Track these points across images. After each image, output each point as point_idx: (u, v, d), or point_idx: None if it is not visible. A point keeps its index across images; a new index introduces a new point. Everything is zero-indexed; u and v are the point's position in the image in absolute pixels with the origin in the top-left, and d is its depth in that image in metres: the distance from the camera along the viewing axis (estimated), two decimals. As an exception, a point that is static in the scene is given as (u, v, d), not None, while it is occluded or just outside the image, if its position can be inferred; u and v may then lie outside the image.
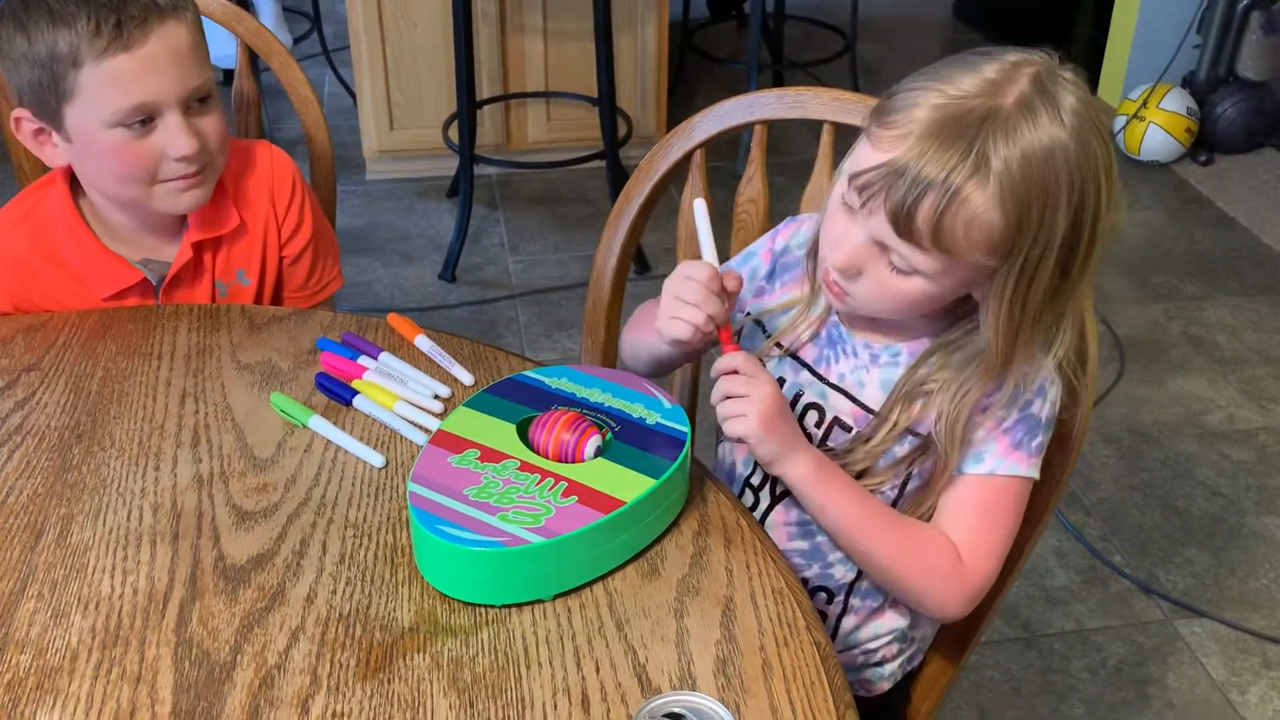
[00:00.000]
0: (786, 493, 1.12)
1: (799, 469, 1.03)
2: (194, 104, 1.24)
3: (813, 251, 1.09)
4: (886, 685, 1.19)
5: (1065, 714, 1.85)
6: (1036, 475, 1.05)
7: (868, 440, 1.06)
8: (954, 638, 1.21)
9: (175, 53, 1.20)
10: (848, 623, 1.15)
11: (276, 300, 1.42)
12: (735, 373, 1.02)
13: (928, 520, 1.07)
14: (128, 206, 1.30)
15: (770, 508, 1.14)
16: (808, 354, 1.11)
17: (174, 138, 1.22)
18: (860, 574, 1.12)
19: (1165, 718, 1.84)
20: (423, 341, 1.20)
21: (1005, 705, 1.86)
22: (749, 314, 1.16)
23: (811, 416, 1.10)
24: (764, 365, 1.10)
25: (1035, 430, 1.03)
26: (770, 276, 1.16)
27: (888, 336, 1.08)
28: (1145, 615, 2.02)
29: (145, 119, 1.21)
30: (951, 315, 1.05)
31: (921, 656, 1.22)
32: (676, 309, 1.02)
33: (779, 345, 1.12)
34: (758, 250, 1.18)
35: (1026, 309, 0.97)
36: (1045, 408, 1.04)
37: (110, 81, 1.18)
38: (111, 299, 1.31)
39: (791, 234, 1.16)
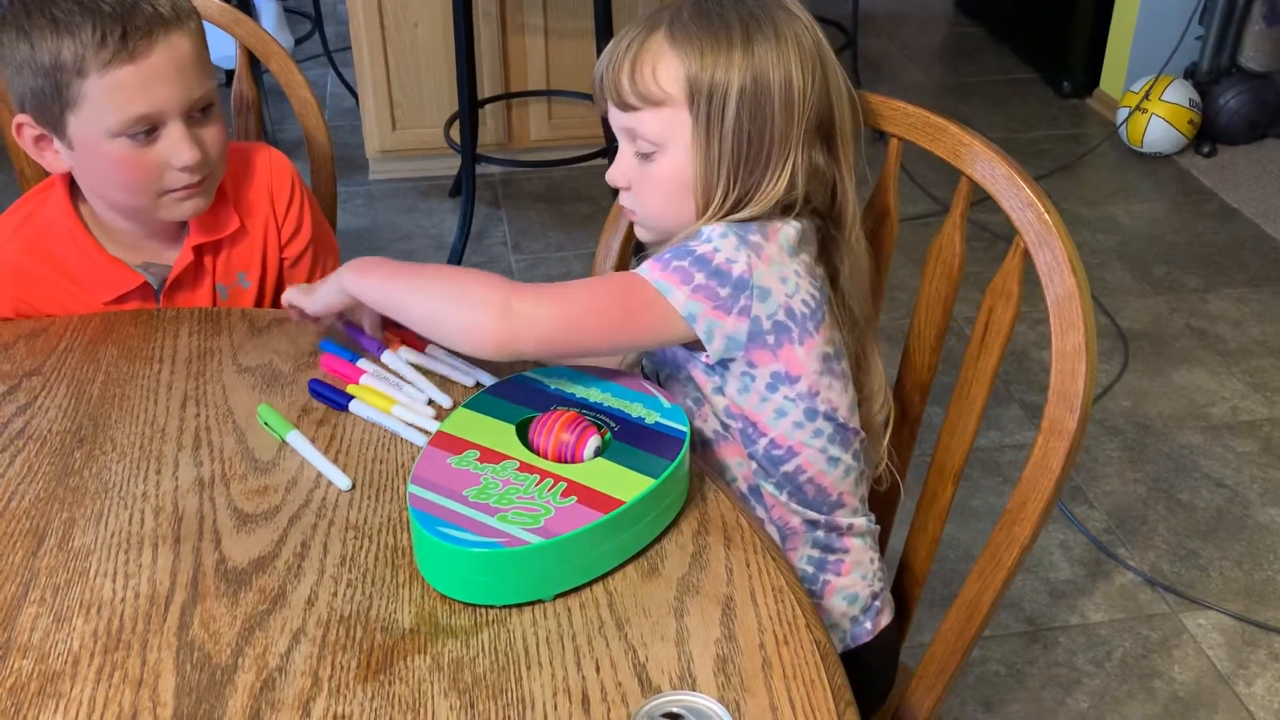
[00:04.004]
0: None
1: (347, 274, 1.12)
2: (196, 114, 1.24)
3: None
4: (835, 646, 1.18)
5: (1070, 707, 1.85)
6: (668, 295, 1.03)
7: None
8: (956, 631, 1.21)
9: (179, 64, 1.21)
10: None
11: (277, 302, 1.42)
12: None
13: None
14: (129, 213, 1.30)
15: None
16: None
17: (176, 148, 1.22)
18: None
19: (1171, 710, 1.84)
20: (434, 350, 1.20)
21: (1010, 699, 1.86)
22: None
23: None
24: None
25: (682, 256, 1.05)
26: None
27: None
28: (1150, 608, 2.02)
29: (148, 129, 1.21)
30: None
31: (874, 619, 1.21)
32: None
33: None
34: None
35: (719, 153, 1.08)
36: (703, 247, 1.05)
37: (115, 92, 1.18)
38: (112, 303, 1.32)
39: None
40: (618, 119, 1.12)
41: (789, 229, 1.09)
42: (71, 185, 1.32)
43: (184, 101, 1.22)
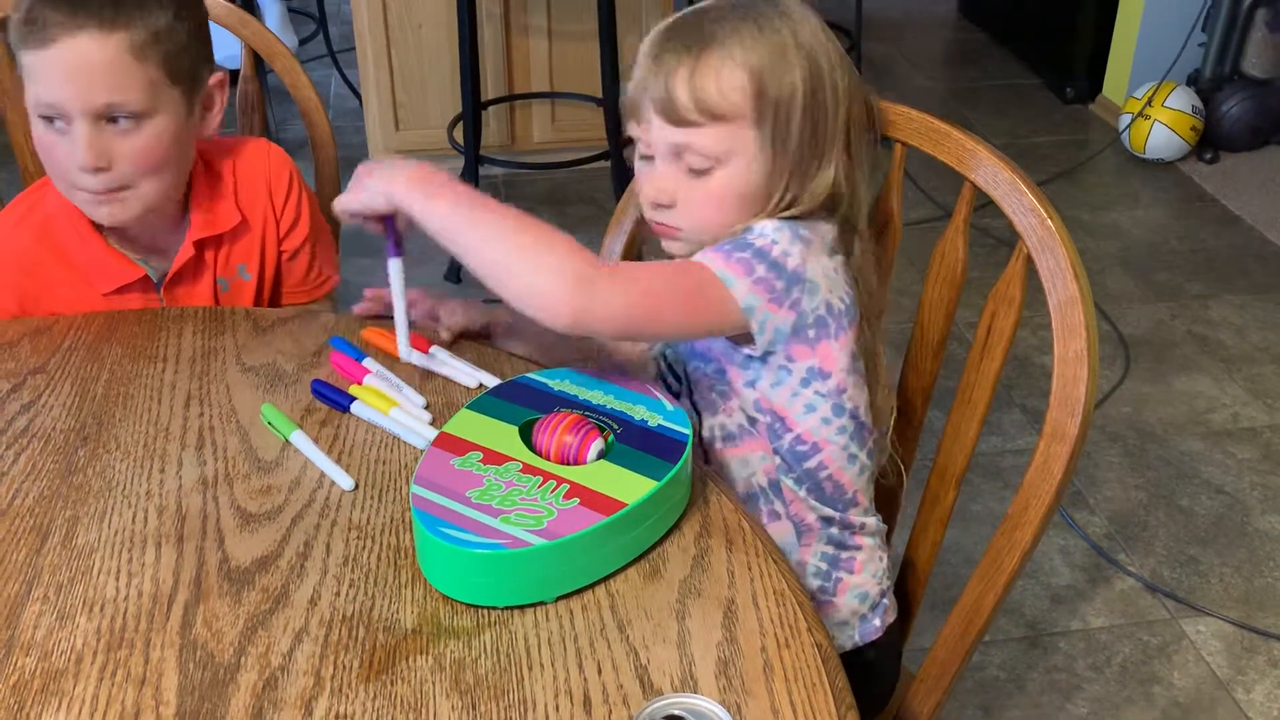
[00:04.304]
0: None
1: (400, 185, 1.06)
2: (120, 120, 1.22)
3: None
4: (845, 643, 1.20)
5: (1070, 712, 1.85)
6: (731, 285, 1.03)
7: None
8: (956, 636, 1.21)
9: (82, 66, 1.19)
10: None
11: (276, 294, 1.43)
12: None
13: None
14: None
15: None
16: None
17: (74, 147, 1.21)
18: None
19: (1171, 716, 1.84)
20: (438, 351, 1.20)
21: (1010, 704, 1.86)
22: None
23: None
24: None
25: (742, 247, 1.05)
26: None
27: None
28: (1150, 614, 2.02)
29: (59, 119, 1.21)
30: None
31: (882, 616, 1.23)
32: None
33: None
34: None
35: (785, 158, 1.08)
36: (759, 240, 1.06)
37: (28, 72, 1.21)
38: (113, 295, 1.32)
39: None
40: (667, 136, 1.08)
41: (828, 228, 1.10)
42: None
43: (83, 104, 1.20)
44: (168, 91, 1.24)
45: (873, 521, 1.21)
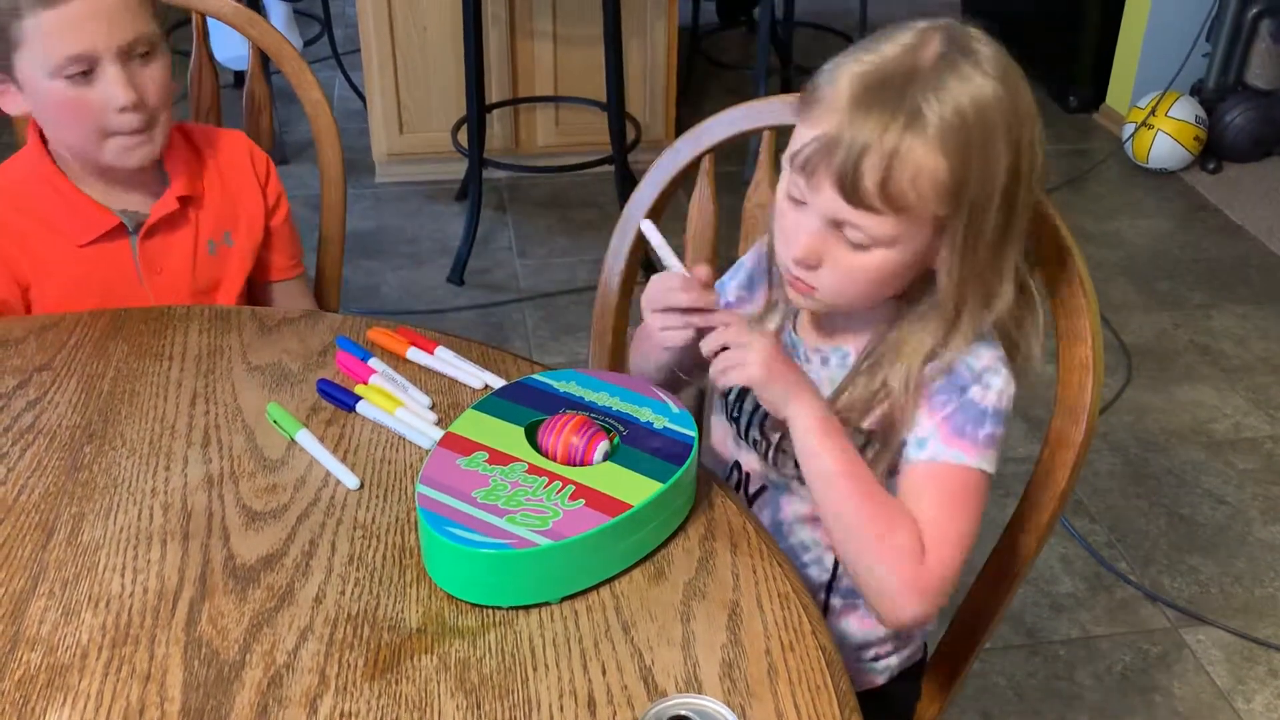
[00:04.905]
0: (760, 492, 1.14)
1: (806, 410, 0.99)
2: (136, 57, 1.27)
3: (769, 259, 1.10)
4: (880, 679, 1.19)
5: (1070, 721, 1.85)
6: (989, 468, 1.01)
7: None
8: (958, 644, 1.21)
9: (101, 8, 1.23)
10: (832, 623, 1.15)
11: (263, 266, 1.47)
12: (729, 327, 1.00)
13: None
14: (84, 159, 1.33)
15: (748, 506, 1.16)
16: None
17: (111, 89, 1.25)
18: (836, 572, 1.13)
19: (1170, 725, 1.84)
20: (443, 352, 1.20)
21: (1010, 712, 1.86)
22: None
23: (769, 422, 1.11)
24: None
25: (980, 420, 1.00)
26: (750, 285, 1.18)
27: (835, 339, 1.09)
28: (1151, 623, 2.02)
29: (84, 71, 1.24)
30: (902, 303, 1.04)
31: (923, 653, 1.23)
32: (665, 319, 1.02)
33: None
34: (745, 261, 1.20)
35: (977, 256, 0.97)
36: (990, 397, 1.01)
37: (45, 34, 1.23)
38: (88, 246, 1.34)
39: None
40: (835, 208, 0.95)
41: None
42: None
43: (112, 44, 1.24)
44: (160, 25, 1.30)
45: None
